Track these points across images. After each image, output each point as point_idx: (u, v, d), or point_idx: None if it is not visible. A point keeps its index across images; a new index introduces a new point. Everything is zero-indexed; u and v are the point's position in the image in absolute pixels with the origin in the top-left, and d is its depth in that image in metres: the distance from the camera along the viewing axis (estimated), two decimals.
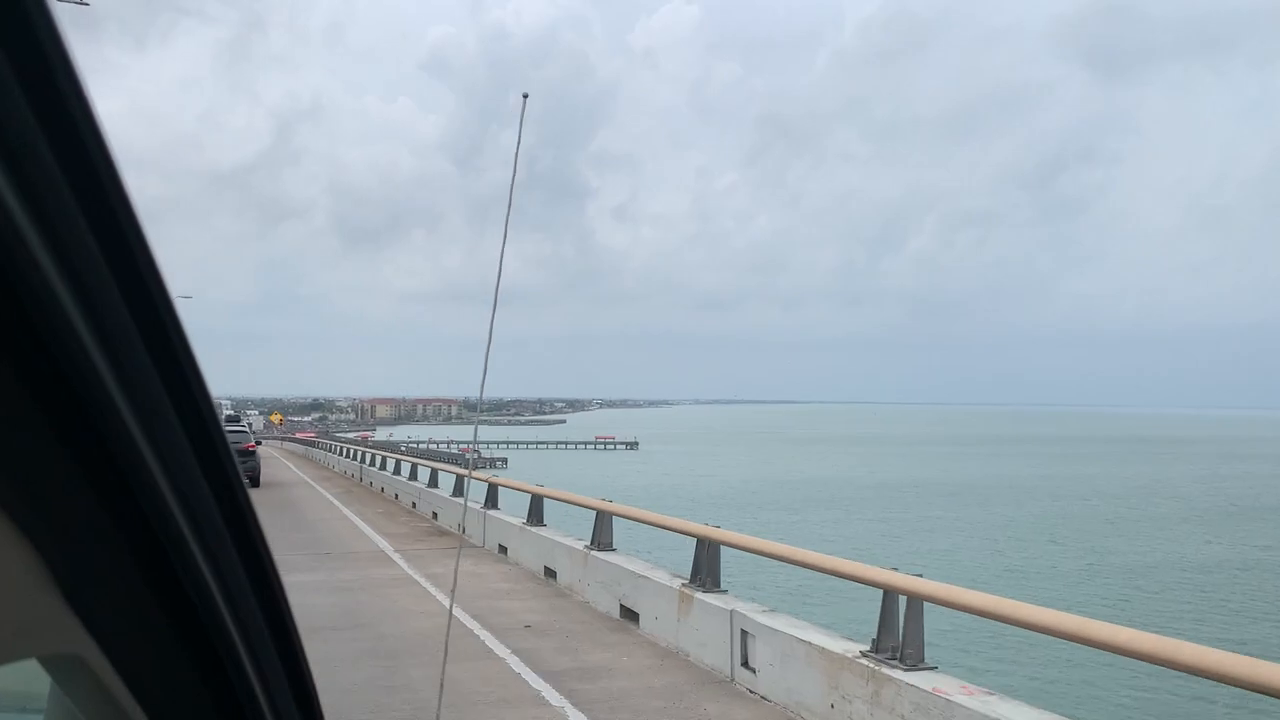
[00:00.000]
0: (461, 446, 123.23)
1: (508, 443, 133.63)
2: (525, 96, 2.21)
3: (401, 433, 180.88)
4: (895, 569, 7.24)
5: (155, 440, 0.60)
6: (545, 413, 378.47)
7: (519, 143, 2.15)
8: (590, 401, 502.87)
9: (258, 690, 0.81)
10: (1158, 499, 63.74)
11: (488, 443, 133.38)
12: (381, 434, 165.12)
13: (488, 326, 2.18)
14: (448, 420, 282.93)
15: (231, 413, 49.09)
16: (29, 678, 0.82)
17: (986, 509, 57.26)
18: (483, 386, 2.24)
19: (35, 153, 0.47)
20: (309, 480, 33.27)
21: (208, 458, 0.67)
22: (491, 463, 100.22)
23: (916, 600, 6.90)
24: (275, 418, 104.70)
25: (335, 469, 39.73)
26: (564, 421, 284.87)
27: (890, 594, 7.05)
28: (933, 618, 7.02)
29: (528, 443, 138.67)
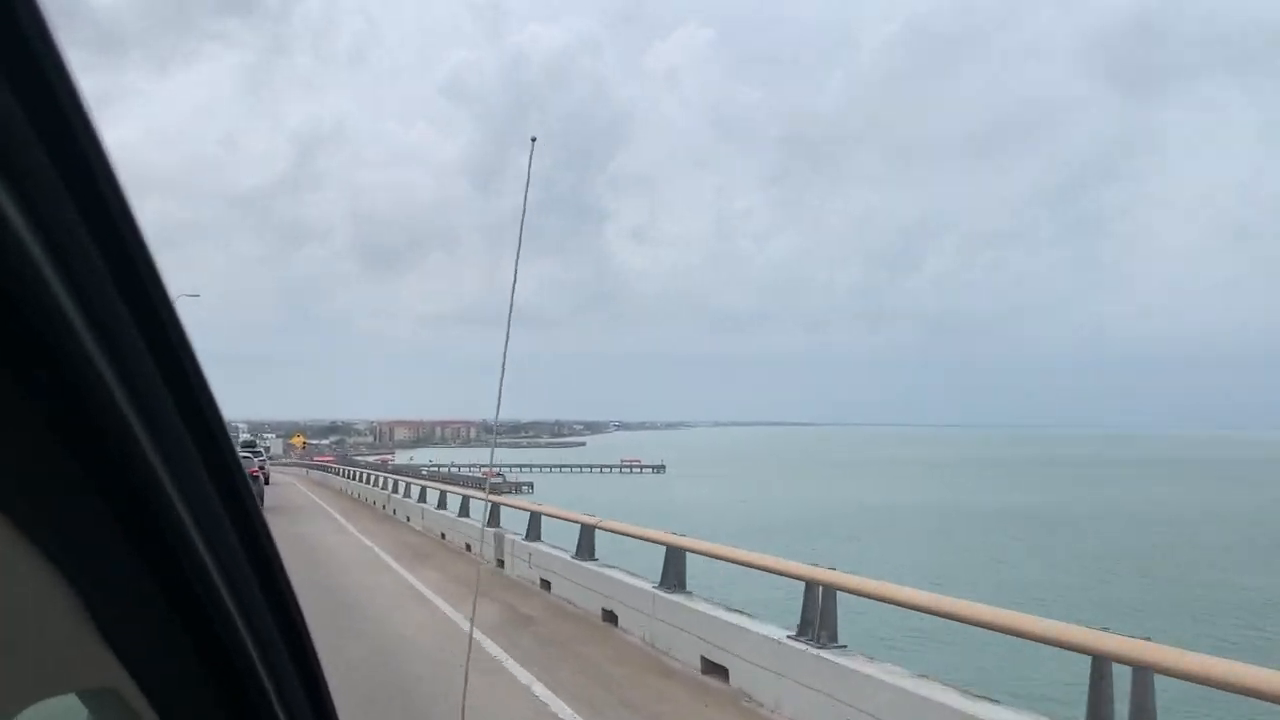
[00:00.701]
0: (484, 470, 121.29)
1: (530, 466, 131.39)
2: (534, 140, 2.42)
3: (422, 456, 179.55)
4: (1107, 629, 5.54)
5: (178, 477, 0.63)
6: (563, 435, 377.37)
7: (528, 185, 2.29)
8: (608, 424, 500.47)
9: (279, 714, 0.84)
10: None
11: (509, 466, 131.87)
12: (401, 457, 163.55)
13: (504, 349, 2.33)
14: (466, 443, 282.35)
15: (248, 437, 47.98)
16: (67, 712, 0.86)
17: (1099, 538, 52.53)
18: (498, 409, 2.40)
19: (35, 162, 0.47)
20: (333, 512, 31.22)
21: (230, 503, 0.70)
22: (516, 487, 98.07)
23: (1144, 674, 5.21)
24: (297, 440, 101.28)
25: (358, 496, 37.81)
26: (584, 444, 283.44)
27: (1101, 661, 5.36)
28: None
29: (549, 466, 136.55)
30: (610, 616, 11.86)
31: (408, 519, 26.16)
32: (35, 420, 0.52)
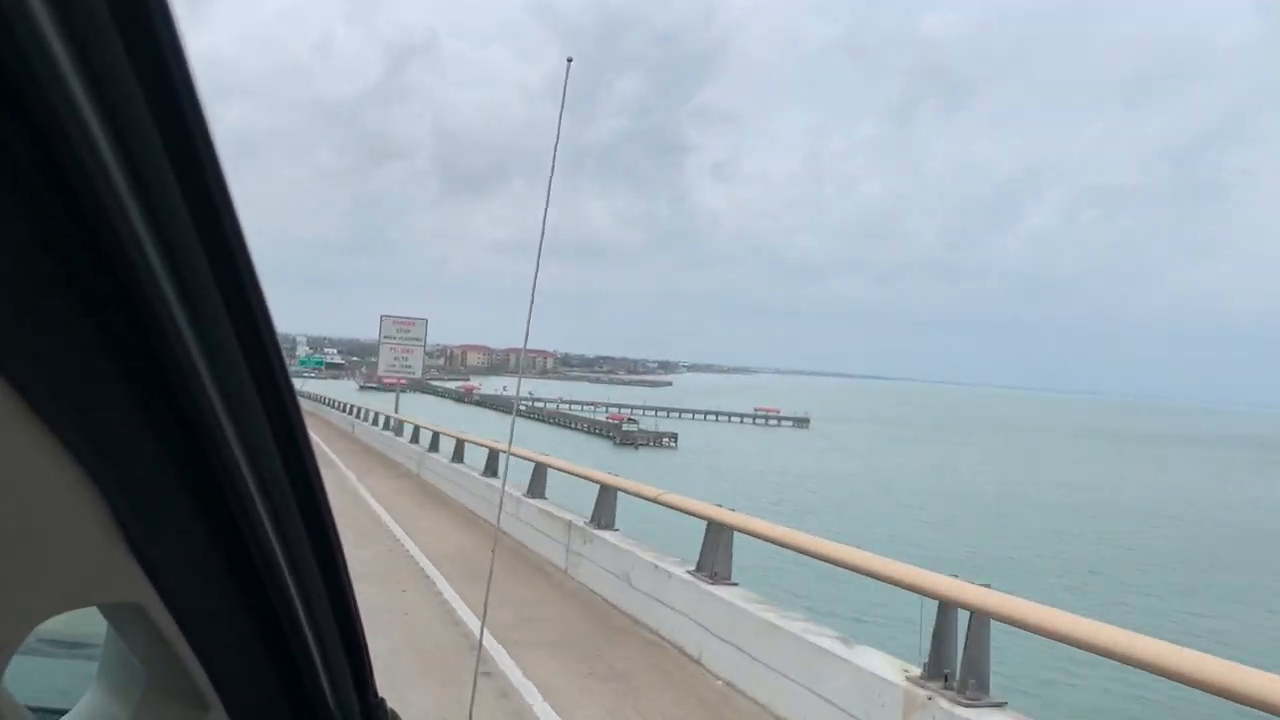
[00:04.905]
0: (611, 413, 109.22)
1: (650, 409, 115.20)
2: (569, 60, 2.48)
3: (495, 384, 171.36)
4: None
5: (228, 397, 0.62)
6: (639, 372, 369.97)
7: (562, 107, 2.25)
8: (678, 364, 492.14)
9: (312, 647, 0.84)
10: None
11: (627, 406, 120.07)
12: (486, 387, 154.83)
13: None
14: (543, 373, 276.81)
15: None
16: (87, 624, 0.87)
17: None
18: (526, 338, 2.39)
19: (114, 57, 0.46)
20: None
21: (278, 417, 0.69)
22: (656, 439, 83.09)
23: None
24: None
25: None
26: (669, 384, 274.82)
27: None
28: None
29: (656, 409, 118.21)
30: None
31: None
32: (76, 315, 0.50)
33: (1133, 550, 39.56)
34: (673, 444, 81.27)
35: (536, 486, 13.46)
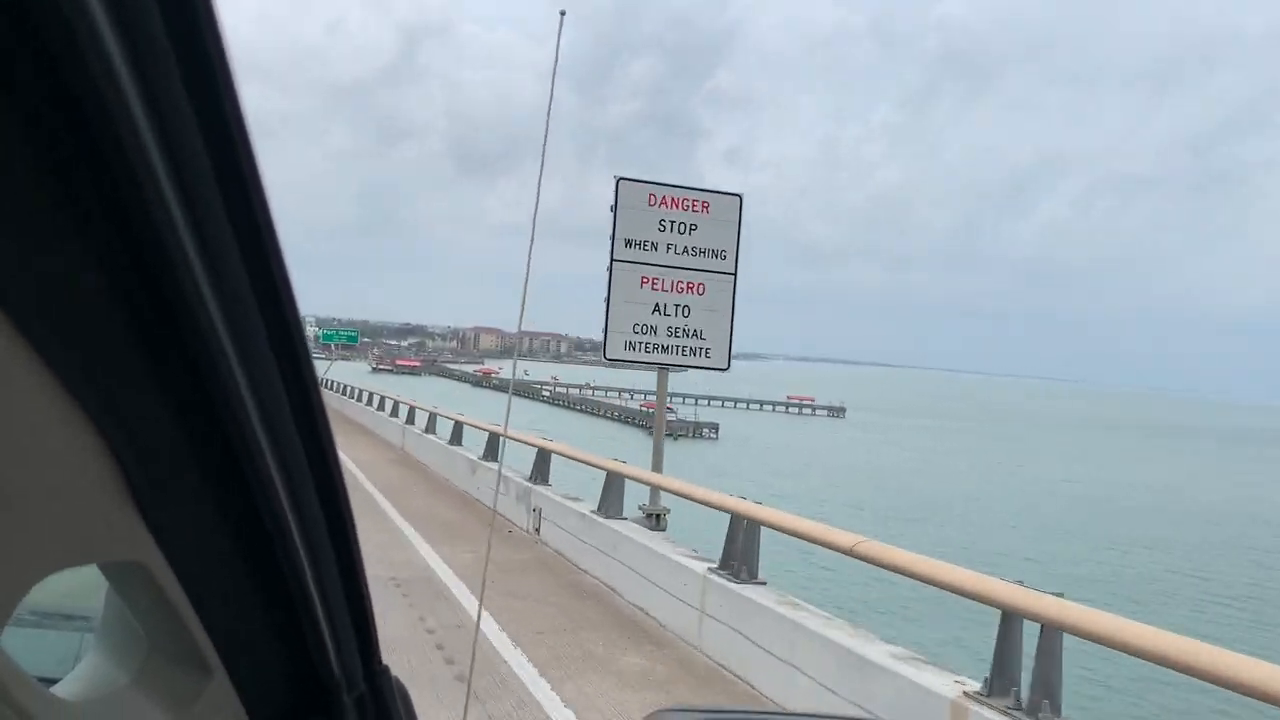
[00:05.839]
0: (645, 400, 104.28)
1: (678, 396, 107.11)
2: (562, 14, 2.29)
3: (536, 370, 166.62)
4: None
5: (246, 360, 0.62)
6: None
7: (556, 61, 2.16)
8: None
9: (319, 614, 0.84)
10: None
11: (638, 393, 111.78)
12: (502, 371, 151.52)
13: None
14: (557, 357, 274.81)
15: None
16: (89, 594, 0.86)
17: None
18: (521, 320, 2.47)
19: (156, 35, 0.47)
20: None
21: (293, 380, 0.69)
22: (696, 429, 78.86)
23: None
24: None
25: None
26: (685, 369, 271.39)
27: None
28: None
29: (684, 395, 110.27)
30: None
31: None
32: (91, 271, 0.50)
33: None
34: (713, 434, 77.01)
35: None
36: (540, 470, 13.20)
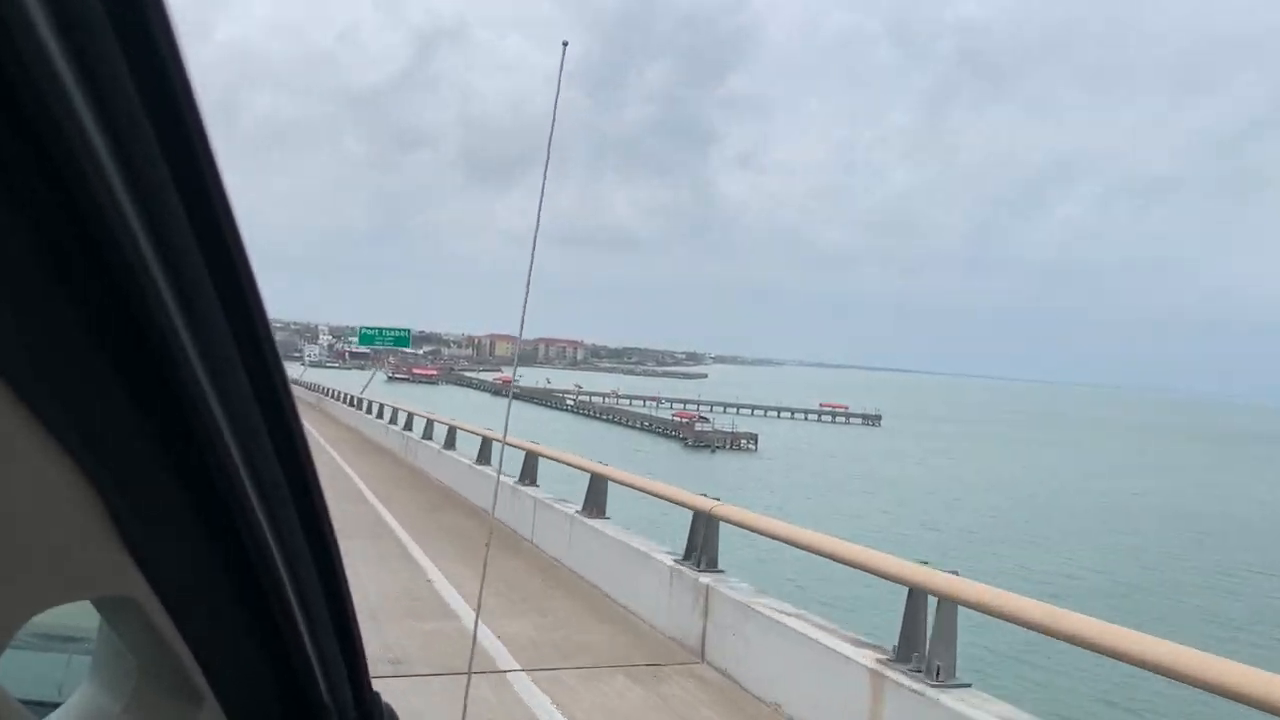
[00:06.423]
0: (678, 410, 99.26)
1: (707, 404, 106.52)
2: (565, 44, 2.44)
3: (531, 376, 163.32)
4: None
5: (223, 394, 0.62)
6: (667, 363, 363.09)
7: (558, 93, 2.31)
8: (705, 355, 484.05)
9: (307, 642, 0.85)
10: None
11: (681, 401, 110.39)
12: (516, 378, 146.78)
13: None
14: (573, 364, 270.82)
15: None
16: (79, 617, 0.89)
17: None
18: (521, 329, 2.53)
19: (130, 108, 0.46)
20: None
21: (271, 411, 0.68)
22: (734, 440, 73.41)
23: None
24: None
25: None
26: (705, 376, 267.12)
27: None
28: None
29: (712, 404, 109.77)
30: None
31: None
32: (72, 313, 0.50)
33: None
34: (752, 445, 71.79)
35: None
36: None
